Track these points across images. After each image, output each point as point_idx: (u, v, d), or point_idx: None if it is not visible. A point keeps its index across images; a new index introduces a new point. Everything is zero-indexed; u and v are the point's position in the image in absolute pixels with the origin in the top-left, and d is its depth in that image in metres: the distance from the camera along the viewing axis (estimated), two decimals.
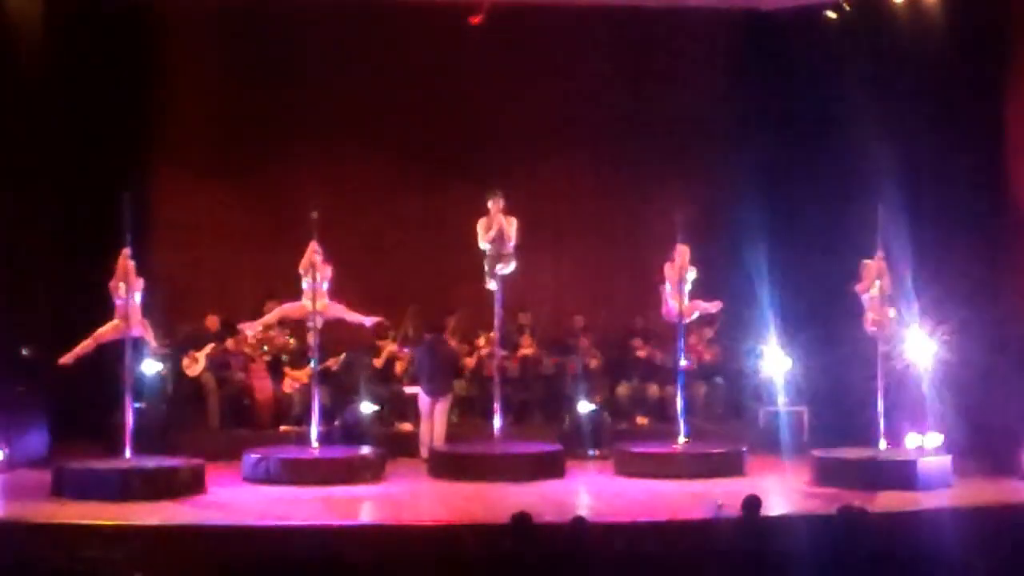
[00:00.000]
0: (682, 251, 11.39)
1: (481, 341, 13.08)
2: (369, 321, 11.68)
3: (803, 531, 7.93)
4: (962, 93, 11.54)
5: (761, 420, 12.81)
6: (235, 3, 13.34)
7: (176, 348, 12.35)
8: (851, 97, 11.96)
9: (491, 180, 11.91)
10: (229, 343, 12.58)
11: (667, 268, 11.42)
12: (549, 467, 11.15)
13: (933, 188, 11.53)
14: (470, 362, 13.08)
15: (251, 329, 11.87)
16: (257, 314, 12.97)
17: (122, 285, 10.30)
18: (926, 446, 10.70)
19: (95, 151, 12.13)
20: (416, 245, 13.63)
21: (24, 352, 11.25)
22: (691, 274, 11.37)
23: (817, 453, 10.81)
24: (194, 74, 13.33)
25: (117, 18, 12.44)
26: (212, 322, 12.82)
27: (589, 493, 10.49)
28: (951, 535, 7.94)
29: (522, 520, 7.15)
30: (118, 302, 10.34)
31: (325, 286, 11.14)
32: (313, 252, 11.05)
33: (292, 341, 12.91)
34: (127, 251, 10.34)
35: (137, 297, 10.44)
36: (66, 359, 10.44)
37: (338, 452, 11.30)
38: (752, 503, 7.49)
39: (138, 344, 10.85)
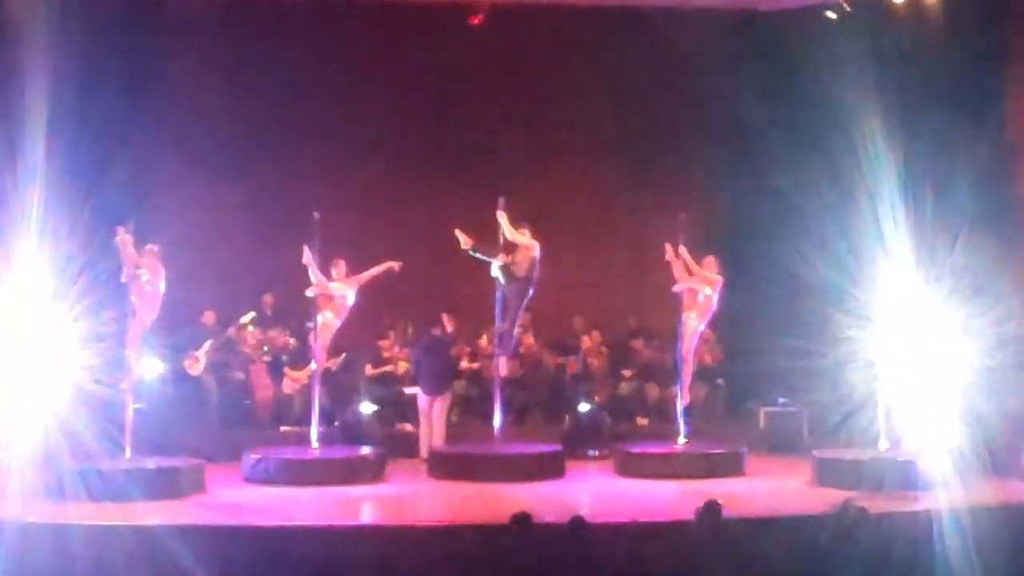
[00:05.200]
0: (681, 253, 11.42)
1: (482, 341, 13.09)
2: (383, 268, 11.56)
3: (803, 531, 7.91)
4: (963, 93, 11.54)
5: (761, 420, 12.81)
6: (236, 2, 13.36)
7: (175, 348, 12.37)
8: (851, 97, 11.94)
9: (491, 180, 11.93)
10: (231, 331, 12.59)
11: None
12: (549, 467, 11.16)
13: (935, 188, 11.52)
14: (466, 367, 13.10)
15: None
16: (257, 313, 12.99)
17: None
18: None
19: (95, 152, 12.13)
20: (416, 245, 13.63)
21: None
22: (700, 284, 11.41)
23: (817, 453, 10.82)
24: (195, 74, 13.33)
25: (118, 17, 12.44)
26: (209, 318, 12.83)
27: (589, 493, 10.49)
28: (951, 535, 7.93)
29: (522, 520, 7.15)
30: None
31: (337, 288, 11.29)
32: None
33: (292, 341, 12.92)
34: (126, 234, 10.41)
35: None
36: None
37: (338, 452, 11.31)
38: (711, 509, 7.42)
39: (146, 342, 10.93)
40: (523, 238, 11.35)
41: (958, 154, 11.39)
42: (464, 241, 11.36)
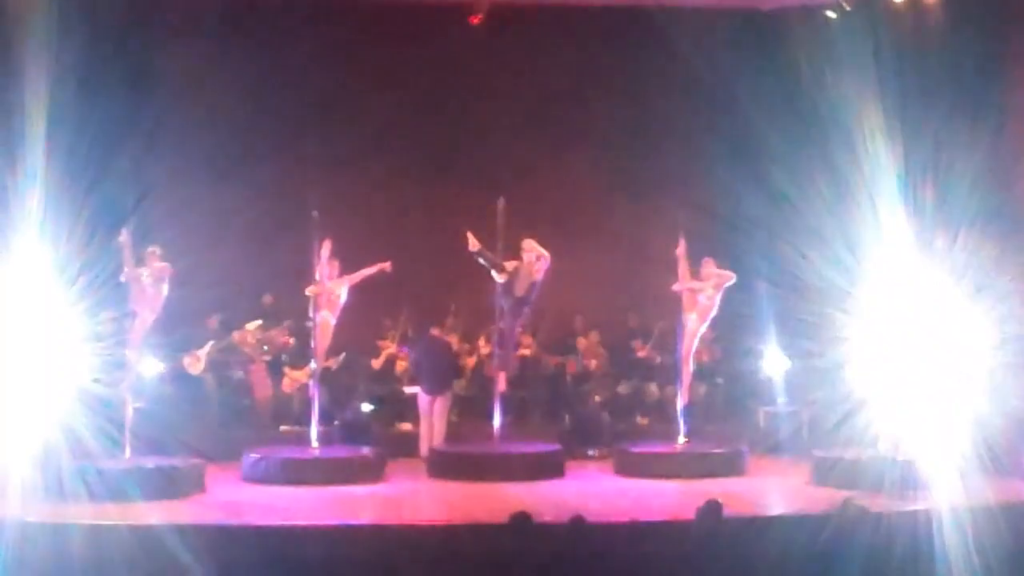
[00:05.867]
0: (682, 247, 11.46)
1: (481, 341, 13.08)
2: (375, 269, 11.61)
3: (803, 531, 7.92)
4: (963, 92, 11.53)
5: (761, 420, 12.81)
6: (236, 2, 13.35)
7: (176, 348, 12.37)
8: (851, 96, 11.94)
9: (491, 179, 11.93)
10: (234, 335, 12.61)
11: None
12: (549, 467, 11.17)
13: (935, 187, 11.51)
14: (471, 362, 13.10)
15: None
16: (256, 313, 13.00)
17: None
18: None
19: (95, 152, 12.12)
20: (416, 245, 13.64)
21: None
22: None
23: (817, 453, 10.81)
24: (194, 74, 13.32)
25: (118, 17, 12.43)
26: (212, 322, 12.84)
27: (589, 493, 10.49)
28: (951, 535, 7.93)
29: (522, 520, 7.15)
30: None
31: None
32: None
33: (292, 341, 12.92)
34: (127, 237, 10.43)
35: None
36: None
37: (338, 452, 11.32)
38: (711, 509, 7.42)
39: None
40: (536, 260, 11.37)
41: (958, 154, 11.38)
42: (472, 243, 11.38)
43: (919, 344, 10.71)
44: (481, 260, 11.47)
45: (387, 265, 11.54)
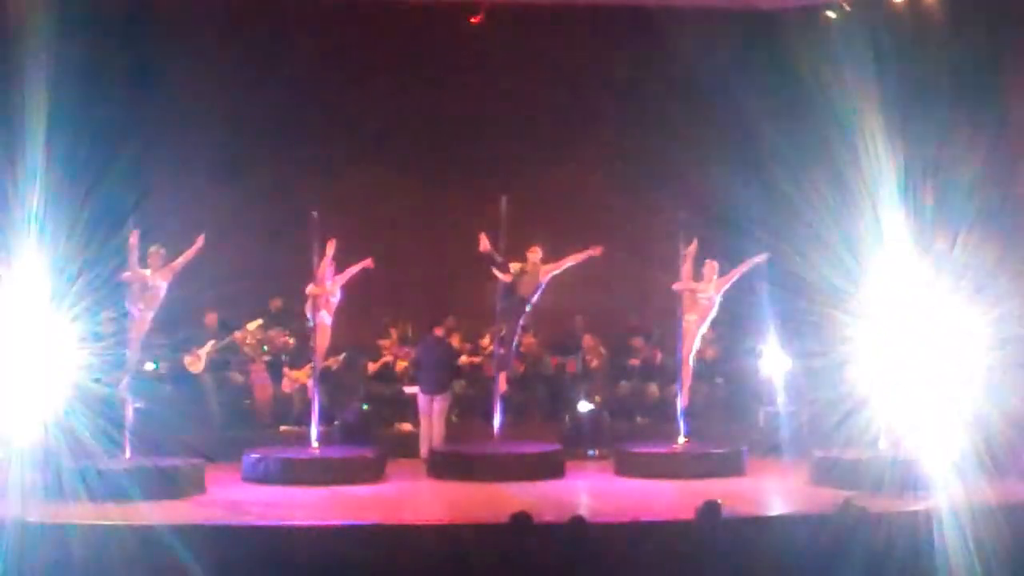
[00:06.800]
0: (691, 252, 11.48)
1: (486, 340, 13.08)
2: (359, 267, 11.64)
3: (803, 531, 7.92)
4: (963, 92, 11.53)
5: (761, 420, 12.81)
6: (236, 2, 13.35)
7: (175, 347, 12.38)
8: (851, 97, 11.94)
9: (491, 180, 11.93)
10: (235, 335, 12.61)
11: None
12: (549, 467, 11.16)
13: (935, 187, 11.52)
14: (469, 361, 13.10)
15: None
16: (258, 314, 13.01)
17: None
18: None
19: (95, 152, 12.12)
20: (416, 245, 13.65)
21: None
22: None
23: (817, 453, 10.81)
24: (195, 74, 13.32)
25: (118, 17, 12.44)
26: (211, 319, 12.84)
27: (589, 493, 10.49)
28: (951, 535, 7.93)
29: (522, 520, 7.15)
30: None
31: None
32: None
33: (292, 341, 12.92)
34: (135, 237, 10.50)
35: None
36: None
37: (338, 452, 11.32)
38: (711, 509, 7.42)
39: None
40: (544, 263, 11.42)
41: (958, 154, 11.38)
42: (483, 245, 11.39)
43: (919, 344, 10.71)
44: (488, 261, 11.47)
45: (369, 262, 11.55)
